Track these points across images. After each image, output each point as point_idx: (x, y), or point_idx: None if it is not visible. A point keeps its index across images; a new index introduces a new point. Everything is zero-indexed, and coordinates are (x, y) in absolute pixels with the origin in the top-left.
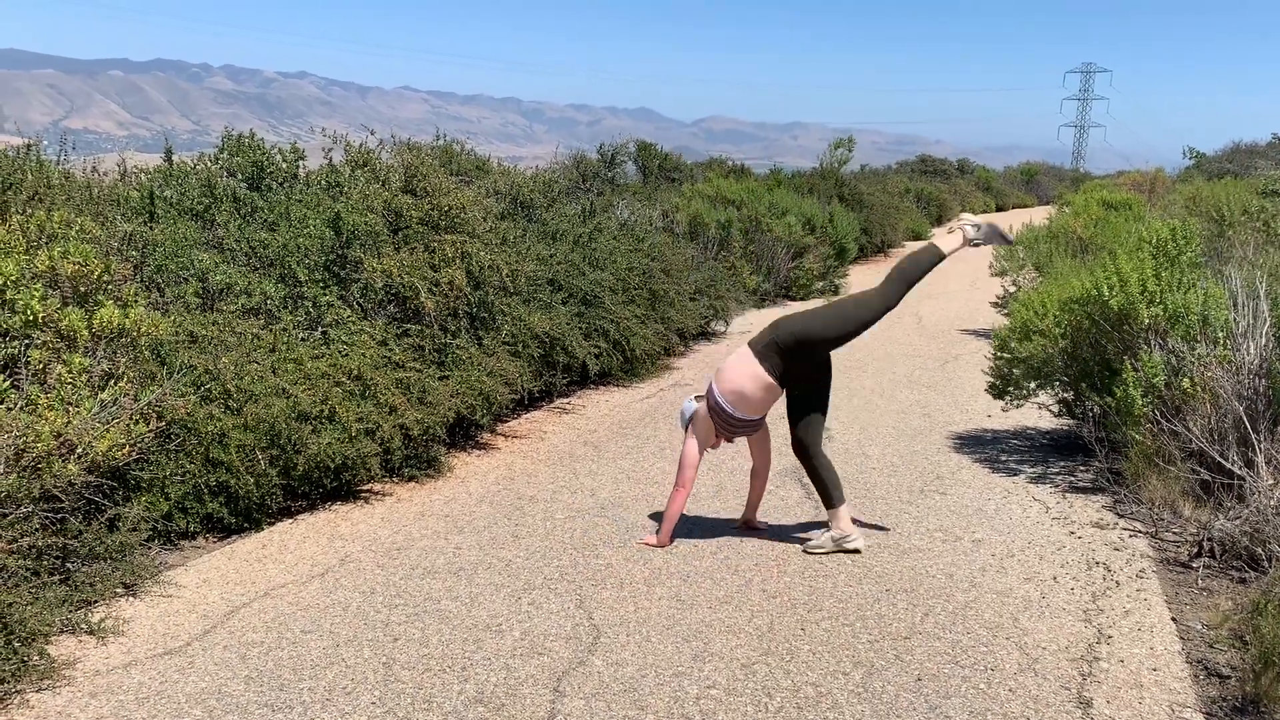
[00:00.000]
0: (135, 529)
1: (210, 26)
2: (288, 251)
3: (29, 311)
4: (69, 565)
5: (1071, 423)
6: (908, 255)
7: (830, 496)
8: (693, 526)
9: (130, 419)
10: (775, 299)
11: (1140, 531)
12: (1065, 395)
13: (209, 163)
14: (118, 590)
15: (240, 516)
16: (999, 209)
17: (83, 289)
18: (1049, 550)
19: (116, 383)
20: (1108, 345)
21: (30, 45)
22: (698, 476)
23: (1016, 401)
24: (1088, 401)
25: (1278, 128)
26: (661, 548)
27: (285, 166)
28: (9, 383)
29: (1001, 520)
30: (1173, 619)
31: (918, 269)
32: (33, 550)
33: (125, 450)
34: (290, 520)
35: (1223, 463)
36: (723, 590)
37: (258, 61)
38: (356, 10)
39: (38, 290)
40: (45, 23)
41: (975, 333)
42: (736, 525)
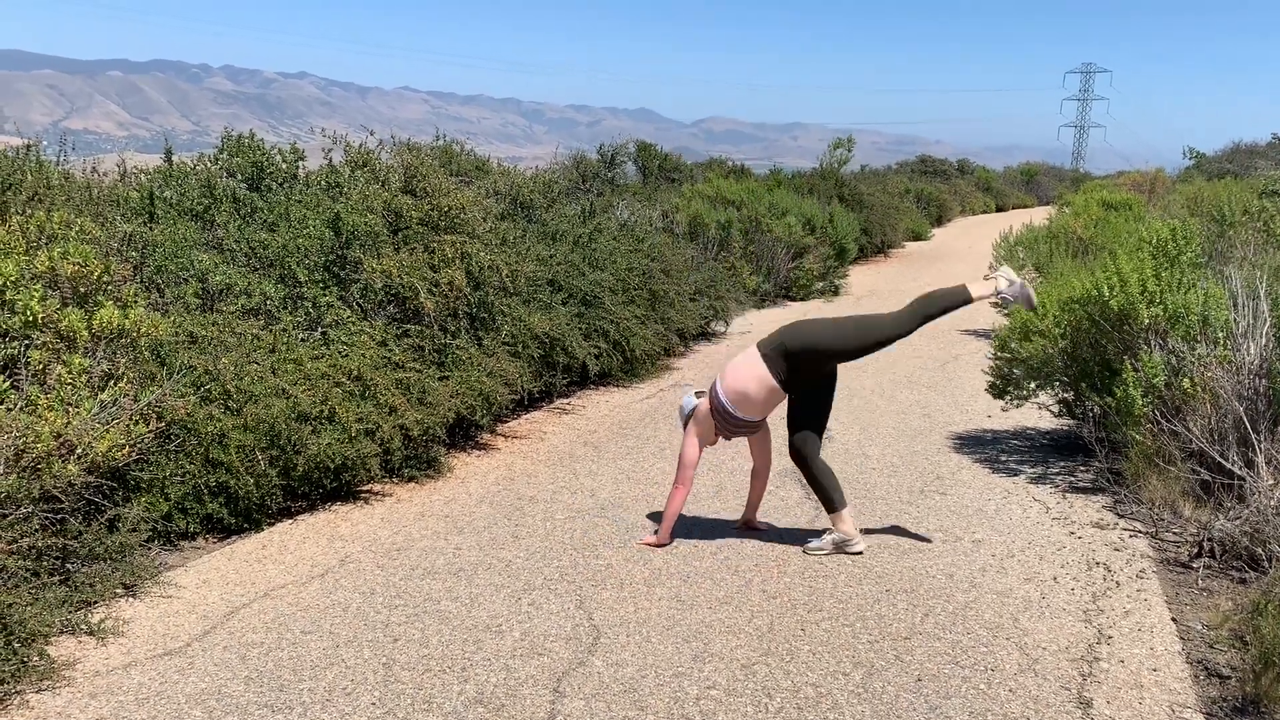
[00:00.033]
0: (135, 529)
1: (210, 27)
2: (287, 252)
3: (29, 312)
4: (69, 566)
5: (1071, 423)
6: (936, 290)
7: (831, 501)
8: (693, 527)
9: (130, 419)
10: (775, 299)
11: (1140, 532)
12: (1065, 395)
13: (209, 163)
14: (117, 591)
15: (240, 517)
16: (999, 209)
17: (82, 289)
18: (1049, 550)
19: (116, 383)
20: (1108, 345)
21: (30, 46)
22: (697, 476)
23: (1016, 401)
24: (1088, 401)
25: (1278, 128)
26: (661, 546)
27: (285, 167)
28: (9, 383)
29: (1001, 520)
30: (1173, 619)
31: (939, 305)
32: (32, 551)
33: (125, 451)
34: (290, 521)
35: (1223, 463)
36: (723, 591)
37: (257, 62)
38: (356, 10)
39: (37, 291)
40: (45, 23)
41: (975, 333)
42: (736, 526)
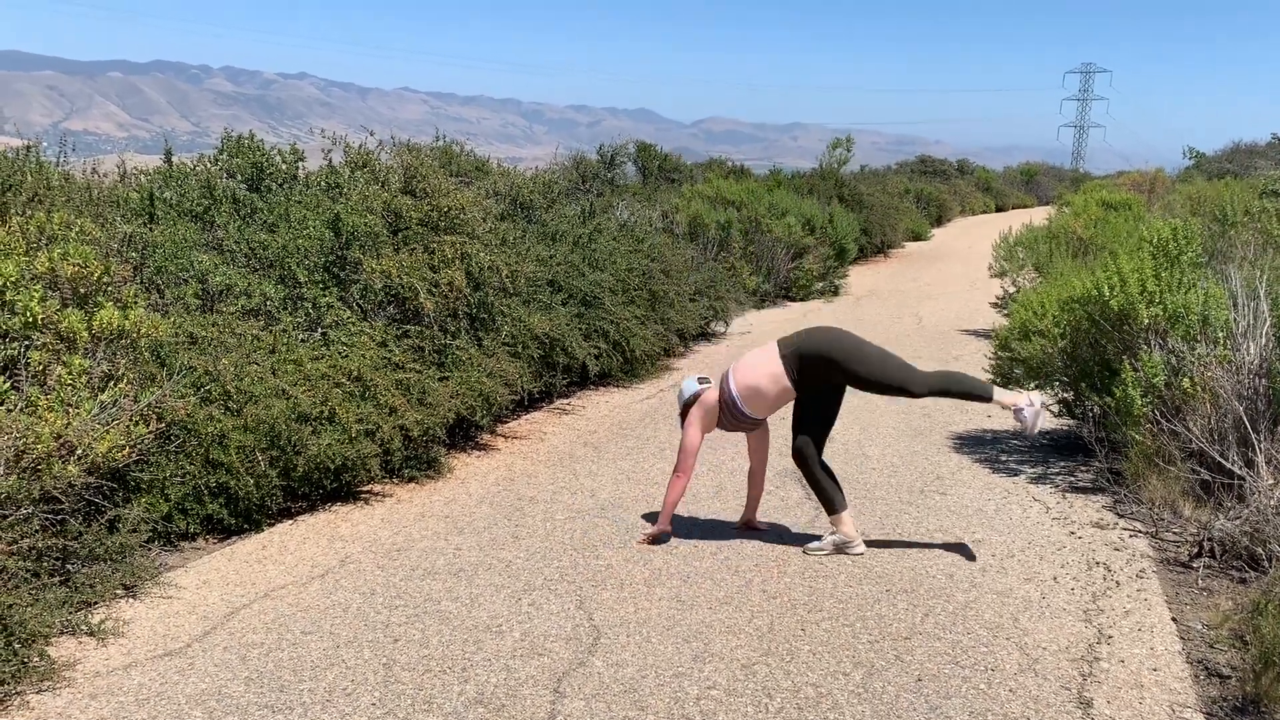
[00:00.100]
0: (135, 530)
1: (210, 28)
2: (287, 253)
3: (29, 313)
4: (69, 566)
5: (1071, 423)
6: (967, 376)
7: (831, 502)
8: (693, 527)
9: (130, 420)
10: (775, 300)
11: (1140, 531)
12: (1065, 395)
13: (209, 164)
14: (118, 591)
15: (240, 517)
16: (999, 209)
17: (82, 290)
18: (1049, 550)
19: (116, 384)
20: (1107, 345)
21: (30, 47)
22: (697, 476)
23: None
24: (1088, 401)
25: (1278, 128)
26: (659, 542)
27: (285, 168)
28: (9, 384)
29: (1001, 520)
30: (1173, 619)
31: (960, 388)
32: (33, 552)
33: (125, 451)
34: (290, 521)
35: (1223, 463)
36: (723, 591)
37: (257, 63)
38: (356, 11)
39: (37, 292)
40: (45, 24)
41: (975, 333)
42: (737, 526)
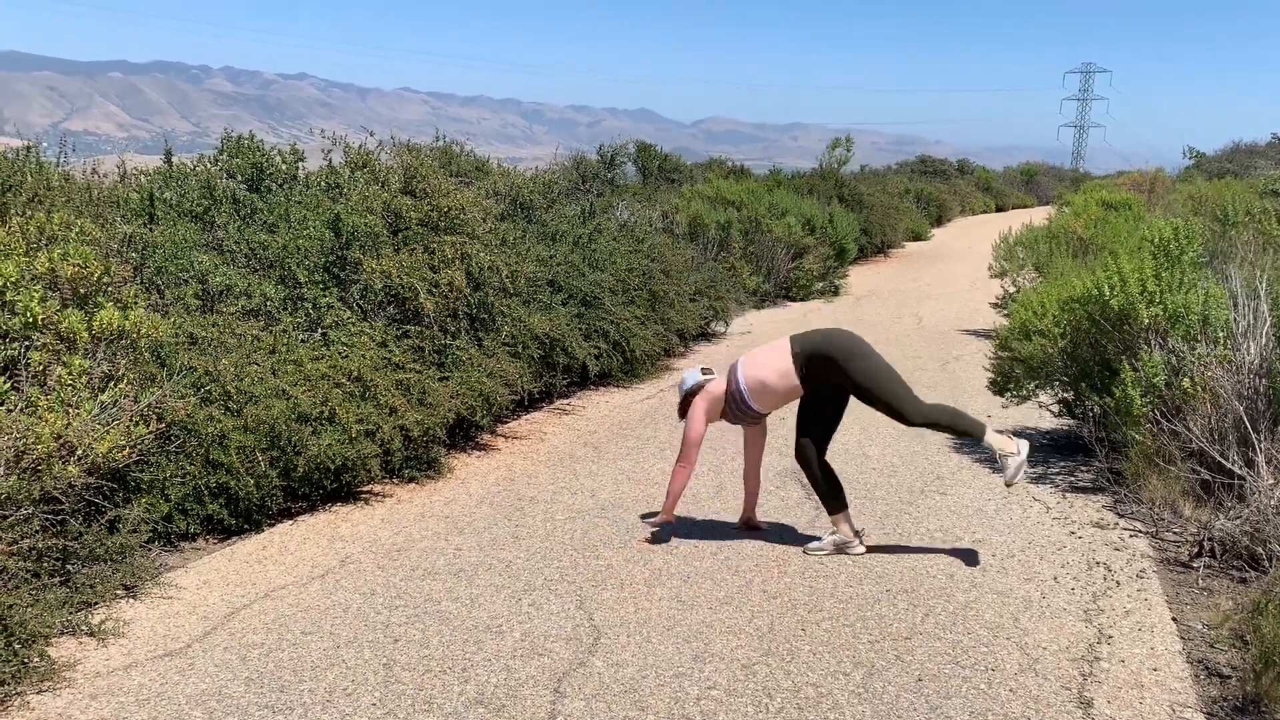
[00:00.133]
0: (135, 530)
1: (210, 28)
2: (287, 253)
3: (29, 313)
4: (69, 567)
5: (1071, 423)
6: (963, 413)
7: (832, 503)
8: (693, 527)
9: (130, 421)
10: (775, 300)
11: (1140, 531)
12: (1065, 395)
13: (209, 164)
14: (118, 592)
15: (240, 518)
16: (999, 209)
17: (83, 291)
18: (1049, 550)
19: (116, 384)
20: (1107, 345)
21: (29, 47)
22: (697, 476)
23: (1017, 399)
24: (1088, 401)
25: (1278, 128)
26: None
27: (285, 168)
28: (9, 385)
29: (1002, 520)
30: (1173, 619)
31: (952, 423)
32: (33, 552)
33: (125, 452)
34: (290, 521)
35: (1223, 462)
36: (723, 591)
37: (257, 63)
38: (356, 11)
39: (38, 292)
40: (44, 25)
41: (975, 333)
42: (736, 526)
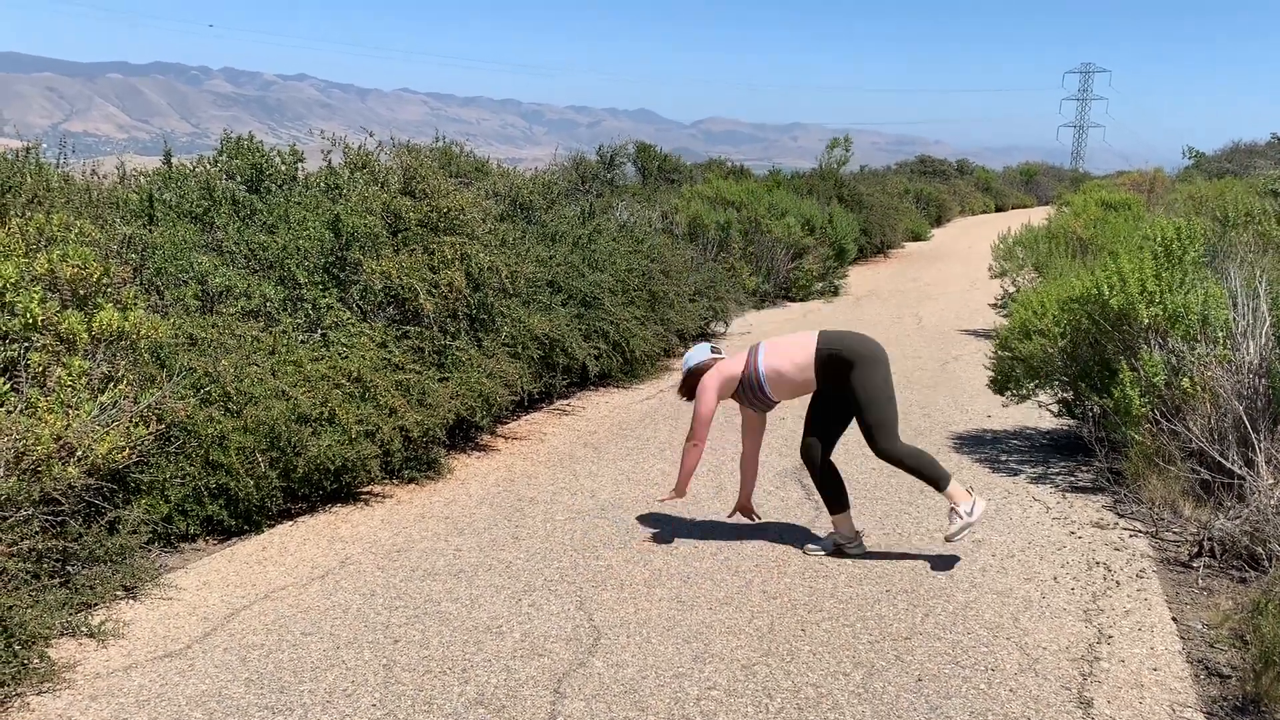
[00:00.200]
0: (135, 531)
1: (209, 29)
2: (287, 254)
3: (29, 314)
4: (69, 568)
5: (1071, 423)
6: (936, 464)
7: (833, 502)
8: (693, 527)
9: (130, 422)
10: (775, 300)
11: (1140, 531)
12: (1065, 395)
13: (208, 165)
14: (118, 593)
15: (240, 519)
16: (998, 209)
17: (82, 292)
18: (1049, 550)
19: (116, 385)
20: (1107, 345)
21: (29, 48)
22: (697, 477)
23: (1017, 397)
24: (1087, 401)
25: (1277, 127)
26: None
27: (284, 169)
28: (9, 386)
29: (1002, 520)
30: (1173, 619)
31: (919, 463)
32: (33, 553)
33: (125, 453)
34: (290, 522)
35: (1223, 462)
36: (723, 591)
37: (257, 64)
38: (356, 12)
39: (37, 293)
40: (44, 26)
41: (975, 333)
42: (729, 515)
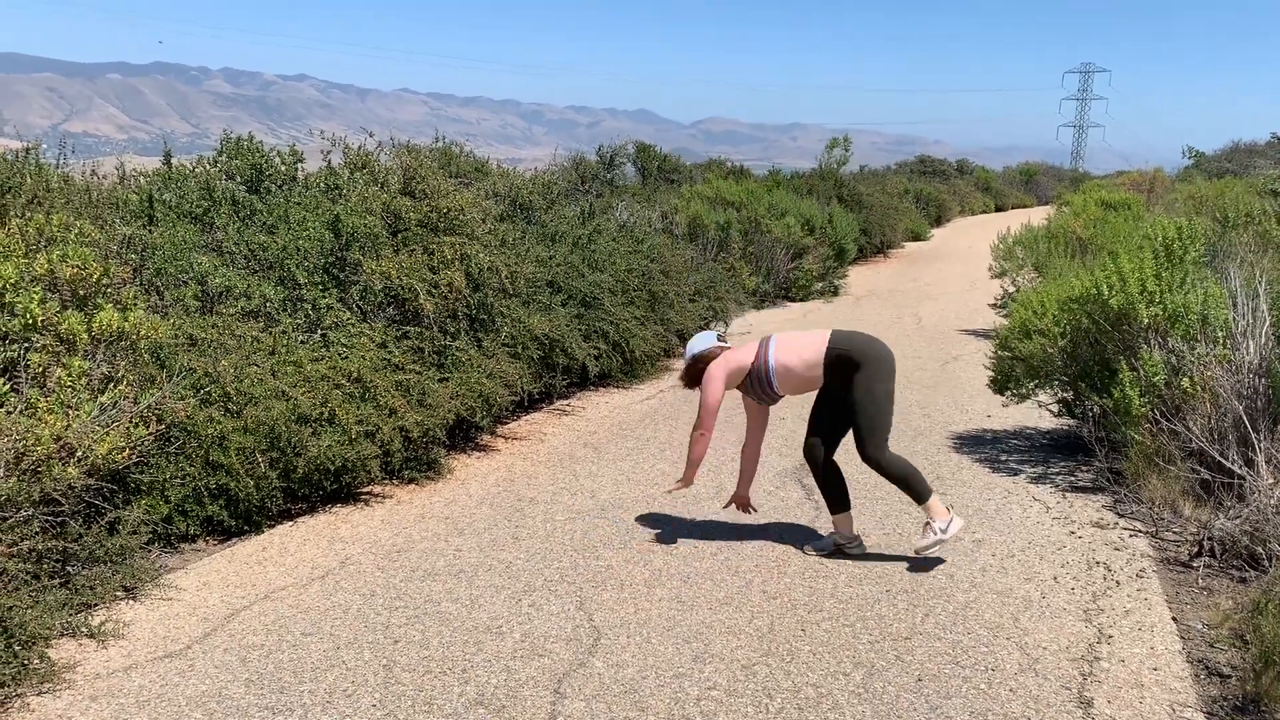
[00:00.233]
0: (135, 532)
1: (209, 29)
2: (287, 254)
3: (28, 315)
4: (69, 568)
5: (1071, 422)
6: (920, 477)
7: (834, 502)
8: (693, 527)
9: (130, 422)
10: (774, 300)
11: (1140, 531)
12: (1065, 395)
13: (208, 166)
14: (118, 593)
15: (240, 519)
16: (998, 209)
17: (82, 292)
18: (1049, 550)
19: (116, 386)
20: (1107, 345)
21: (29, 49)
22: (698, 478)
23: (1016, 397)
24: (1087, 401)
25: (1277, 127)
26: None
27: (284, 169)
28: (9, 386)
29: (1002, 520)
30: (1173, 618)
31: (902, 476)
32: (33, 554)
33: (125, 453)
34: (290, 523)
35: (1223, 462)
36: (723, 591)
37: (257, 64)
38: (355, 12)
39: (37, 293)
40: (44, 26)
41: (974, 333)
42: (724, 505)
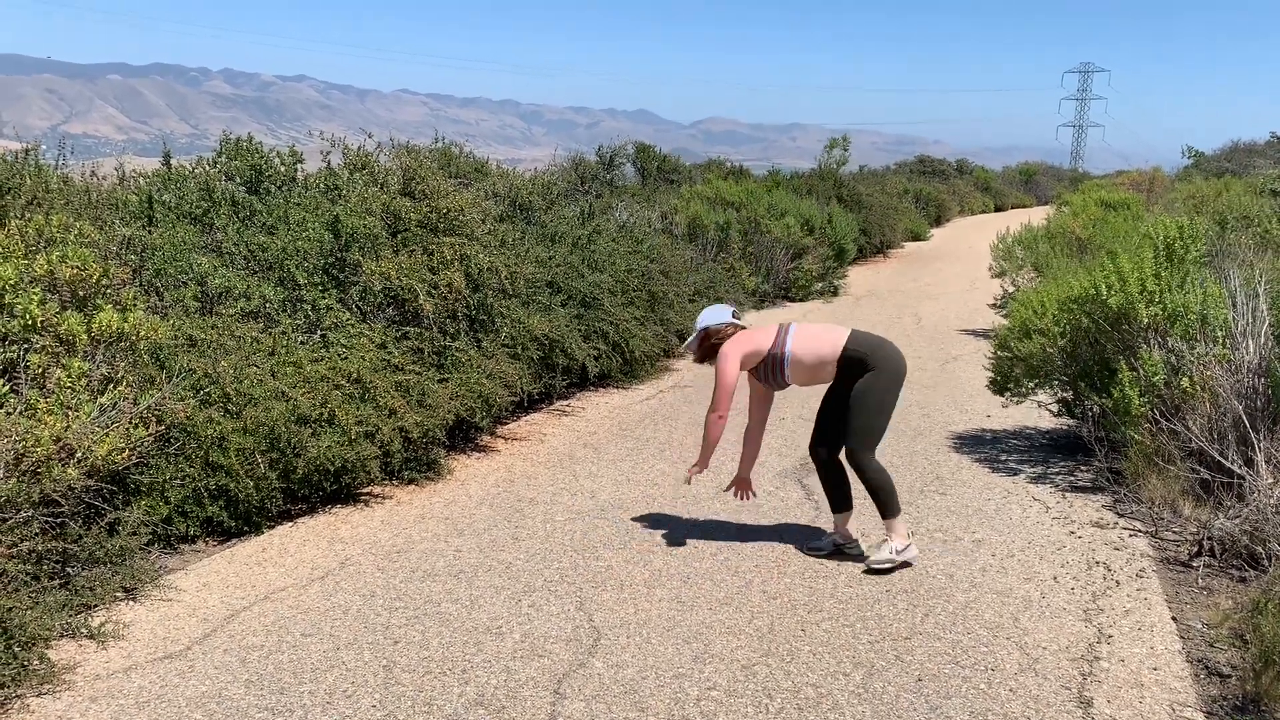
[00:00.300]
0: (135, 533)
1: (209, 30)
2: (286, 255)
3: (28, 316)
4: (69, 569)
5: (1071, 422)
6: (894, 491)
7: (837, 501)
8: (693, 527)
9: (130, 423)
10: (774, 300)
11: (1140, 531)
12: (1064, 395)
13: (207, 166)
14: (118, 594)
15: (240, 520)
16: (998, 209)
17: (82, 293)
18: (1049, 550)
19: (116, 387)
20: (1107, 344)
21: (29, 50)
22: (698, 479)
23: (1016, 398)
24: (1087, 401)
25: (1277, 127)
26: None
27: (283, 170)
28: (8, 387)
29: (1001, 520)
30: (1173, 618)
31: (878, 487)
32: (33, 555)
33: (125, 454)
34: (290, 523)
35: (1222, 462)
36: (723, 592)
37: (256, 65)
38: (355, 13)
39: (37, 294)
40: (43, 27)
41: (974, 333)
42: (726, 488)
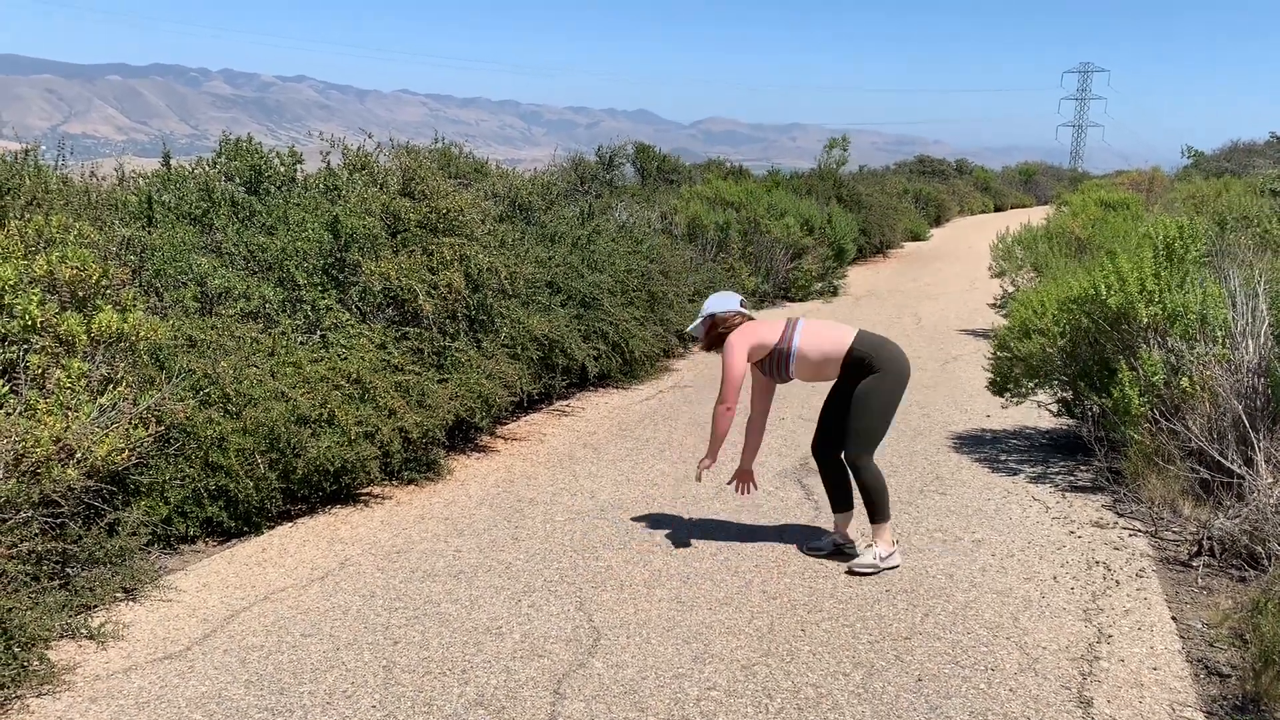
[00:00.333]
0: (135, 533)
1: (208, 30)
2: (286, 255)
3: (27, 316)
4: (69, 570)
5: (1071, 422)
6: (887, 495)
7: (838, 501)
8: (693, 528)
9: (129, 423)
10: (774, 300)
11: (1140, 530)
12: (1064, 395)
13: (207, 167)
14: (117, 595)
15: (240, 520)
16: (998, 209)
17: (81, 294)
18: (1049, 550)
19: (115, 387)
20: (1106, 344)
21: (28, 50)
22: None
23: (1016, 398)
24: (1087, 401)
25: (1277, 127)
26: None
27: (283, 170)
28: (8, 388)
29: (1001, 520)
30: (1173, 618)
31: (872, 488)
32: (32, 555)
33: (124, 455)
34: (290, 524)
35: (1222, 461)
36: (723, 592)
37: (256, 65)
38: (355, 13)
39: (36, 295)
40: (43, 27)
41: (974, 333)
42: (729, 481)
